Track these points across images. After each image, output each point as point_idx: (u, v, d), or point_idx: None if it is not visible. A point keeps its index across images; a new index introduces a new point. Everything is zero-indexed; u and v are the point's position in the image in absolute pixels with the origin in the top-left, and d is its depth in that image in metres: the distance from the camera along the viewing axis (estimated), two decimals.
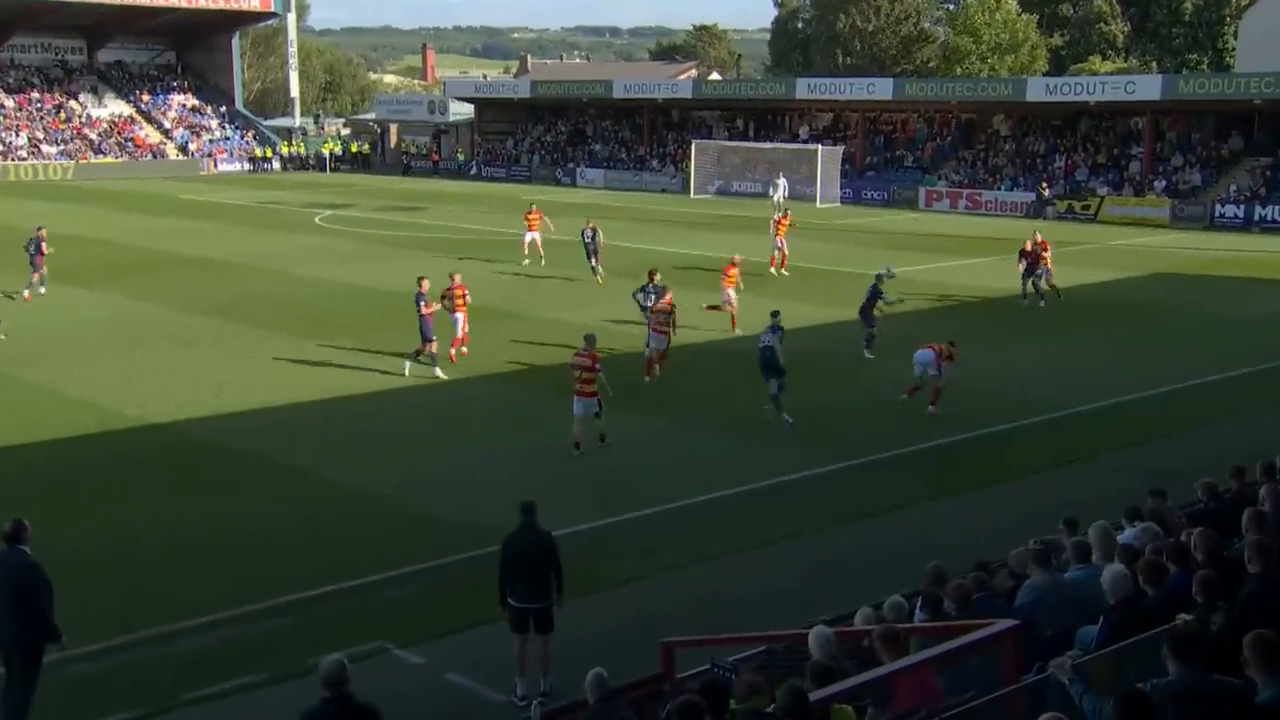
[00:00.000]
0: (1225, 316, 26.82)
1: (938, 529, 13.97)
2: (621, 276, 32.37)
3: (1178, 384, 20.60)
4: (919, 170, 57.55)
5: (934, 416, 18.21)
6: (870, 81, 60.29)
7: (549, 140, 74.12)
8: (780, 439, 17.49)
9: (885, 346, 23.82)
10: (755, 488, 15.32)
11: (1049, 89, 52.59)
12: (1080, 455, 16.71)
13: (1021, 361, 22.54)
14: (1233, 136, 50.03)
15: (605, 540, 13.62)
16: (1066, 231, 43.80)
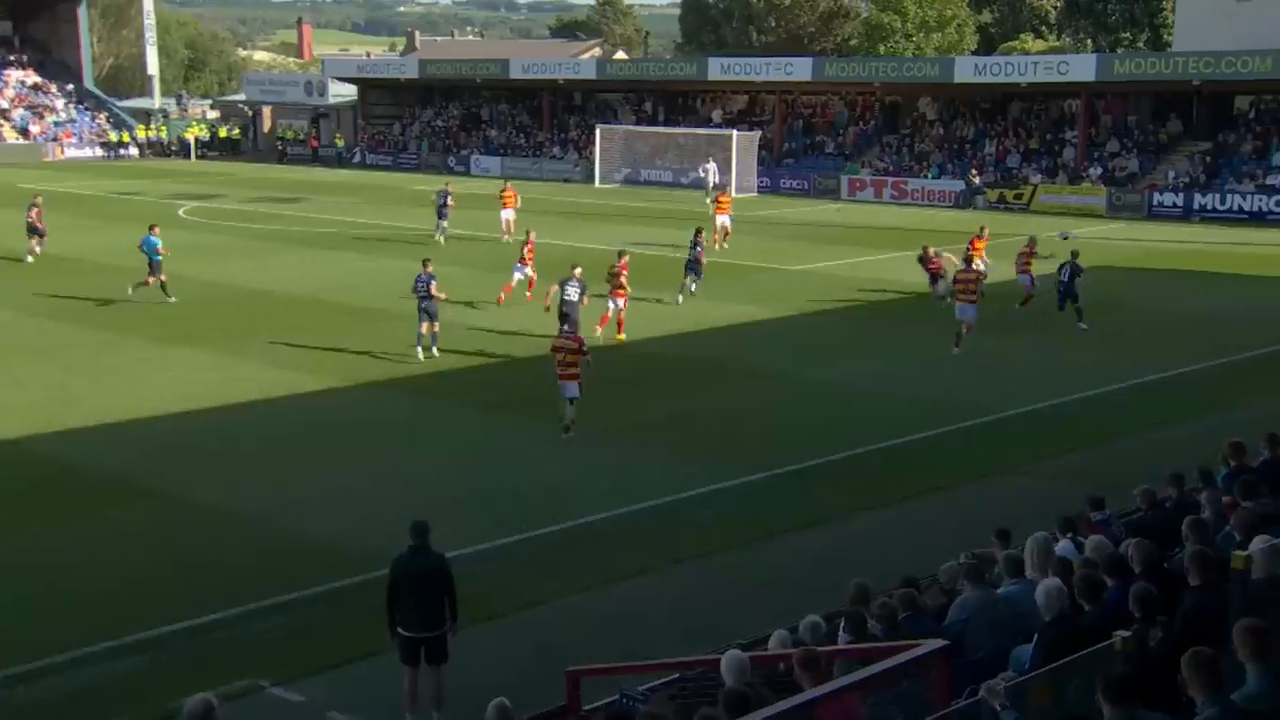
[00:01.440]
0: (1167, 313, 27.66)
1: (863, 543, 14.16)
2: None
3: (1118, 385, 21.15)
4: (841, 157, 58.40)
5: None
6: (788, 61, 61.02)
7: (440, 125, 73.62)
8: (694, 449, 17.59)
9: (806, 352, 24.11)
10: (667, 502, 15.39)
11: (978, 69, 53.75)
12: (1015, 462, 17.08)
13: (952, 362, 22.97)
14: (1171, 120, 51.68)
15: (504, 561, 13.57)
16: (998, 222, 44.65)
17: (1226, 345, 23.82)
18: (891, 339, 24.93)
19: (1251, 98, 50.12)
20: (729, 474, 16.39)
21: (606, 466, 16.92)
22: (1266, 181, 45.77)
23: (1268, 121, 49.26)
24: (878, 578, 10.34)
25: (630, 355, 23.16)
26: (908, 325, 26.36)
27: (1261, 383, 21.33)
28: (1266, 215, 44.29)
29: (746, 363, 22.86)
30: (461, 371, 22.01)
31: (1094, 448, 17.74)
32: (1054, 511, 11.44)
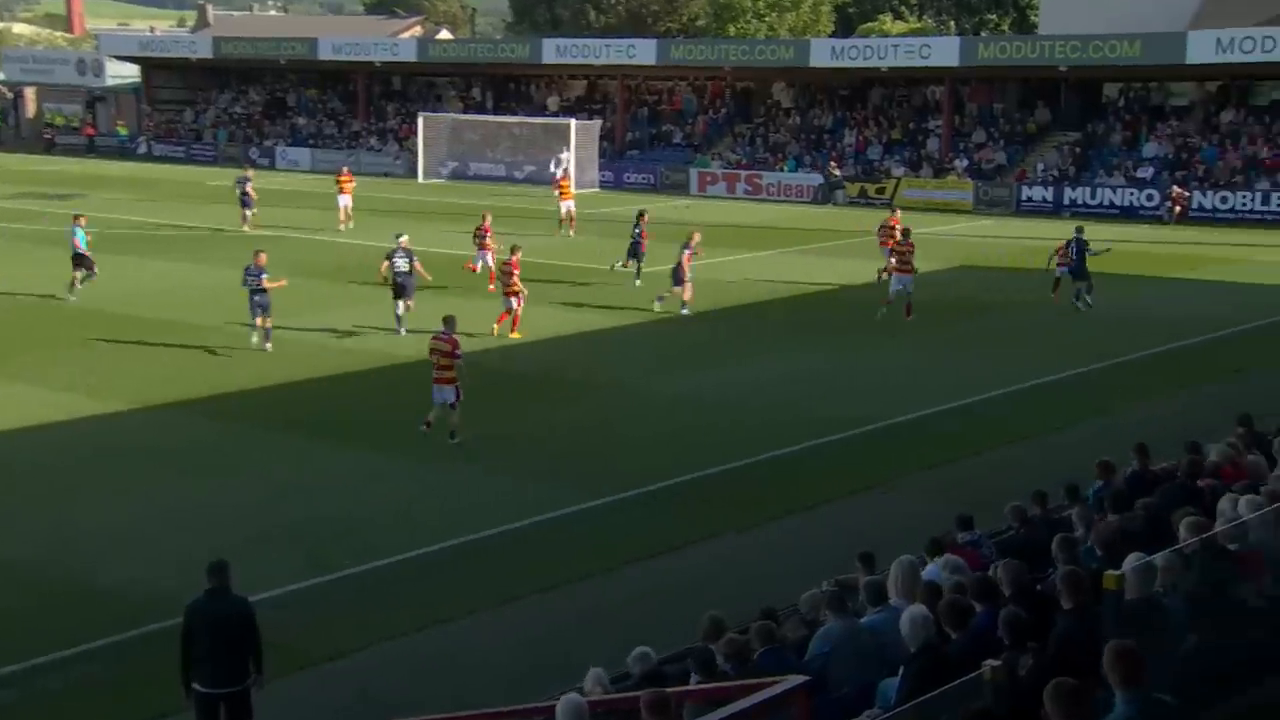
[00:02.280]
0: (1039, 316, 28.71)
1: (717, 571, 14.34)
2: (318, 277, 31.82)
3: (992, 392, 21.88)
4: (690, 149, 59.12)
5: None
6: (630, 43, 61.54)
7: (239, 112, 72.08)
8: (537, 469, 17.60)
9: (660, 361, 24.33)
10: (503, 531, 15.35)
11: (835, 53, 55.03)
12: (885, 478, 17.52)
13: (812, 372, 23.44)
14: (1039, 108, 53.78)
15: (317, 604, 13.37)
16: (859, 219, 45.89)
17: (1103, 348, 24.83)
18: (751, 346, 25.31)
19: (1121, 85, 52.49)
20: (575, 497, 16.42)
21: (440, 491, 16.81)
22: (1137, 174, 47.94)
23: (1137, 110, 51.65)
24: (735, 609, 10.49)
25: (472, 365, 23.04)
26: (768, 331, 26.81)
27: (1139, 387, 22.29)
28: (1138, 210, 46.37)
29: (593, 374, 22.94)
30: (275, 390, 21.61)
31: (968, 460, 18.29)
32: (925, 531, 11.76)
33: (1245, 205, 44.54)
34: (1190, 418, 18.67)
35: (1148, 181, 47.44)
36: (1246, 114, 49.11)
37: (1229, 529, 9.32)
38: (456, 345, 18.53)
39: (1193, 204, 45.00)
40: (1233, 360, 24.31)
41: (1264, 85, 49.45)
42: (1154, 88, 51.74)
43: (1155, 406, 20.77)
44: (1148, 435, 14.37)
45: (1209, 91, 50.36)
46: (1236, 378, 22.77)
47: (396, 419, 19.88)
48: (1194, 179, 46.47)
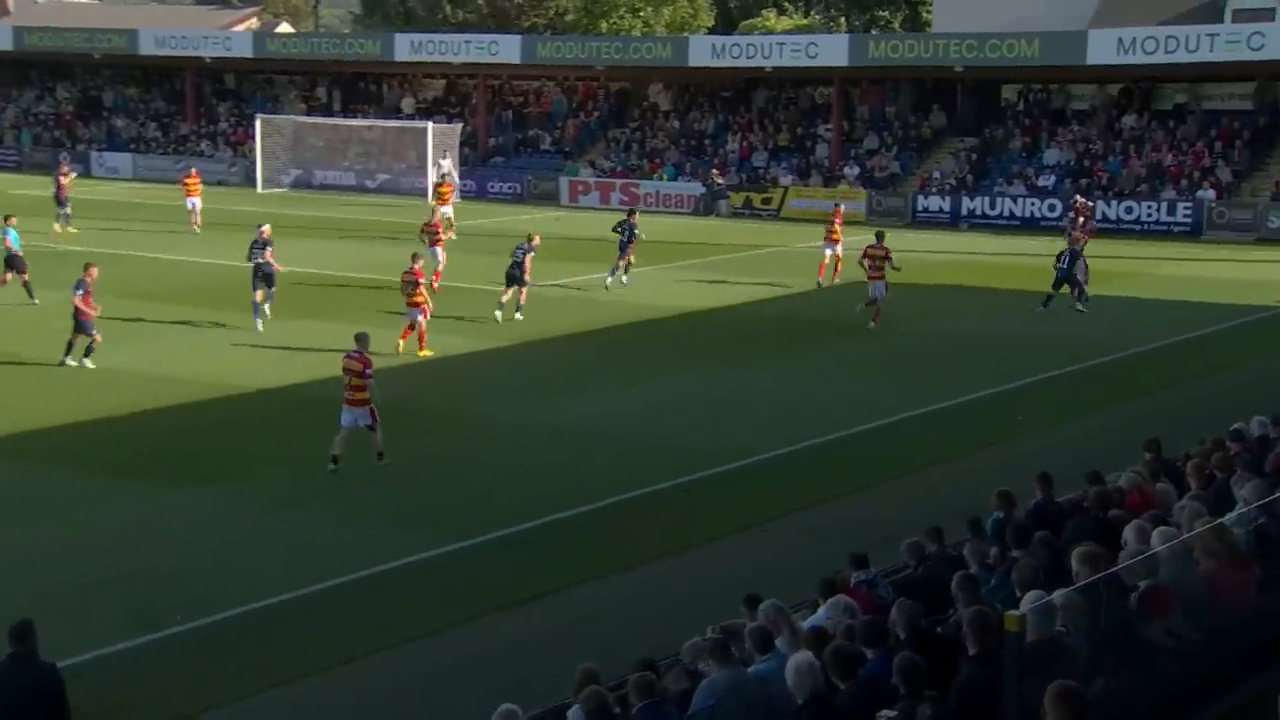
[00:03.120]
0: (939, 334, 29.28)
1: (592, 619, 14.36)
2: (147, 298, 31.37)
3: (888, 418, 22.22)
4: (560, 155, 59.30)
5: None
6: (492, 40, 61.64)
7: (45, 112, 70.51)
8: (393, 511, 17.48)
9: (530, 389, 24.33)
10: (354, 579, 15.17)
11: (716, 51, 55.70)
12: (774, 514, 17.67)
13: (692, 399, 23.61)
14: (934, 112, 54.98)
15: (142, 666, 13.09)
16: (743, 232, 46.45)
17: (1002, 371, 25.39)
18: (626, 371, 25.42)
19: (1020, 87, 53.93)
20: (437, 540, 16.32)
21: (284, 535, 16.63)
22: (1038, 183, 49.24)
23: (1037, 114, 53.09)
24: (610, 659, 10.51)
25: (315, 398, 22.81)
26: (645, 355, 26.93)
27: (1041, 412, 22.83)
28: (1039, 221, 47.60)
29: (455, 404, 22.85)
30: (95, 424, 21.16)
31: (861, 493, 18.55)
32: (816, 570, 11.90)
33: (1150, 215, 46.01)
34: (1096, 444, 19.21)
35: (1049, 190, 48.73)
36: (1150, 118, 50.77)
37: (1135, 563, 9.60)
38: (369, 364, 18.99)
39: (1096, 214, 46.30)
40: (1139, 382, 25.01)
41: (1167, 88, 51.18)
42: (1054, 90, 53.21)
43: (1058, 433, 21.31)
44: (1051, 463, 14.72)
45: (1111, 95, 51.96)
46: (1144, 400, 23.44)
47: (239, 454, 19.60)
48: (1097, 187, 47.86)
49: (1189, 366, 26.29)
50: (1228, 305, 32.25)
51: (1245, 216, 44.94)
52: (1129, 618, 9.07)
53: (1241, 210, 45.12)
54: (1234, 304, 32.43)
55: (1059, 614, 8.41)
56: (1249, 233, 44.24)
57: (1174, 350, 27.80)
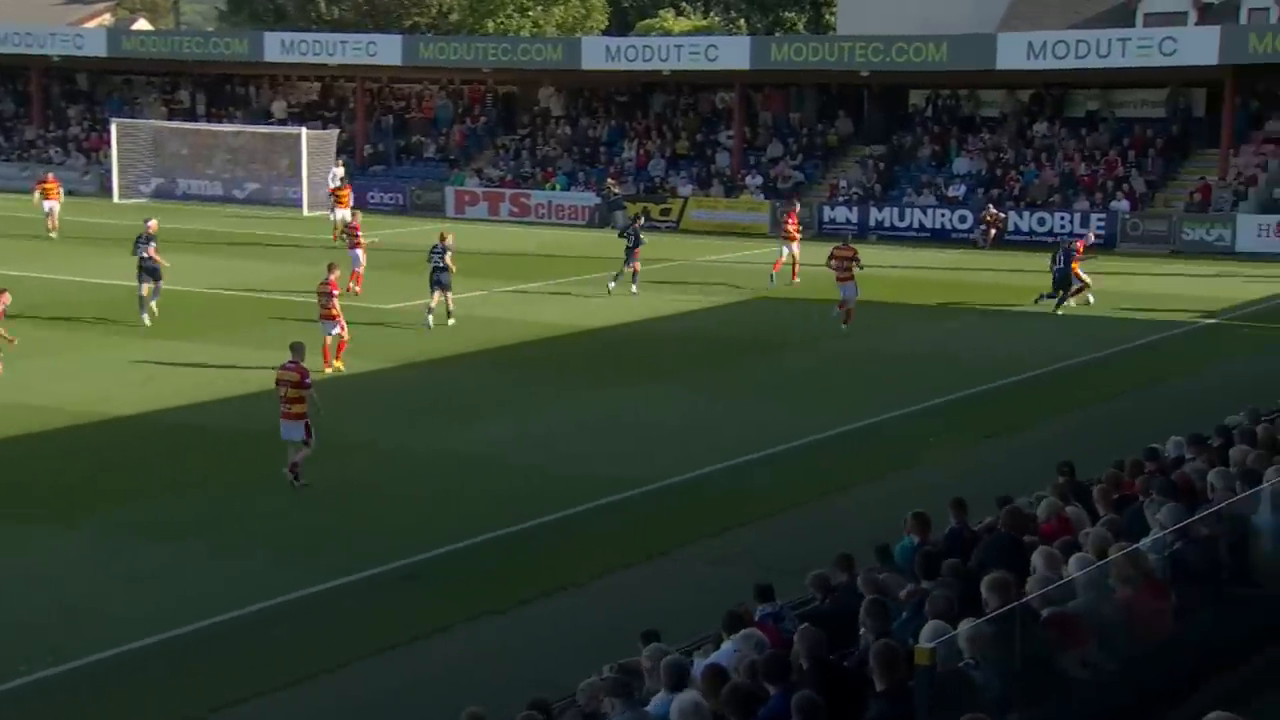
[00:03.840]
0: (848, 352, 29.61)
1: (480, 660, 14.36)
2: None
3: (791, 443, 22.38)
4: (445, 163, 59.12)
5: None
6: (370, 40, 61.33)
7: None
8: (274, 545, 17.41)
9: (413, 414, 24.29)
10: (224, 621, 15.02)
11: (610, 53, 55.84)
12: (672, 545, 17.78)
13: (589, 423, 23.69)
14: (840, 118, 55.64)
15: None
16: (643, 245, 46.57)
17: (910, 391, 25.73)
18: (521, 394, 25.41)
19: (928, 92, 54.73)
20: (319, 576, 16.21)
21: (150, 573, 16.46)
22: (948, 193, 50.01)
23: (946, 120, 53.93)
24: (500, 702, 10.55)
25: (185, 423, 22.62)
26: (540, 376, 26.95)
27: (951, 434, 23.19)
28: (950, 233, 48.34)
29: (339, 430, 22.66)
30: None
31: (764, 521, 18.72)
32: (718, 604, 12.00)
33: (1064, 227, 46.86)
34: (1010, 466, 19.58)
35: (960, 201, 49.50)
36: (1061, 126, 51.80)
37: (1048, 591, 9.81)
38: (306, 374, 19.56)
39: (1008, 225, 47.13)
40: (1052, 402, 25.49)
41: (1079, 95, 52.24)
42: (964, 96, 54.09)
43: (971, 455, 21.67)
44: (964, 487, 15.02)
45: (1021, 101, 52.94)
46: (1057, 420, 23.89)
47: (87, 489, 19.32)
48: (1009, 198, 48.72)
49: (1105, 385, 26.80)
50: (1144, 320, 32.97)
51: (1160, 228, 45.97)
52: (1042, 648, 9.26)
53: (1156, 222, 46.16)
54: (1150, 319, 33.16)
55: (969, 646, 8.57)
56: (1164, 245, 45.24)
57: (1089, 368, 28.35)
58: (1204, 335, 31.89)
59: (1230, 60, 45.21)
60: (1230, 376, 26.64)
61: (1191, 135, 49.85)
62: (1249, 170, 46.64)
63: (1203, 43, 46.07)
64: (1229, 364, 28.41)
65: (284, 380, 19.55)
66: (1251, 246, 43.59)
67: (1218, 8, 55.25)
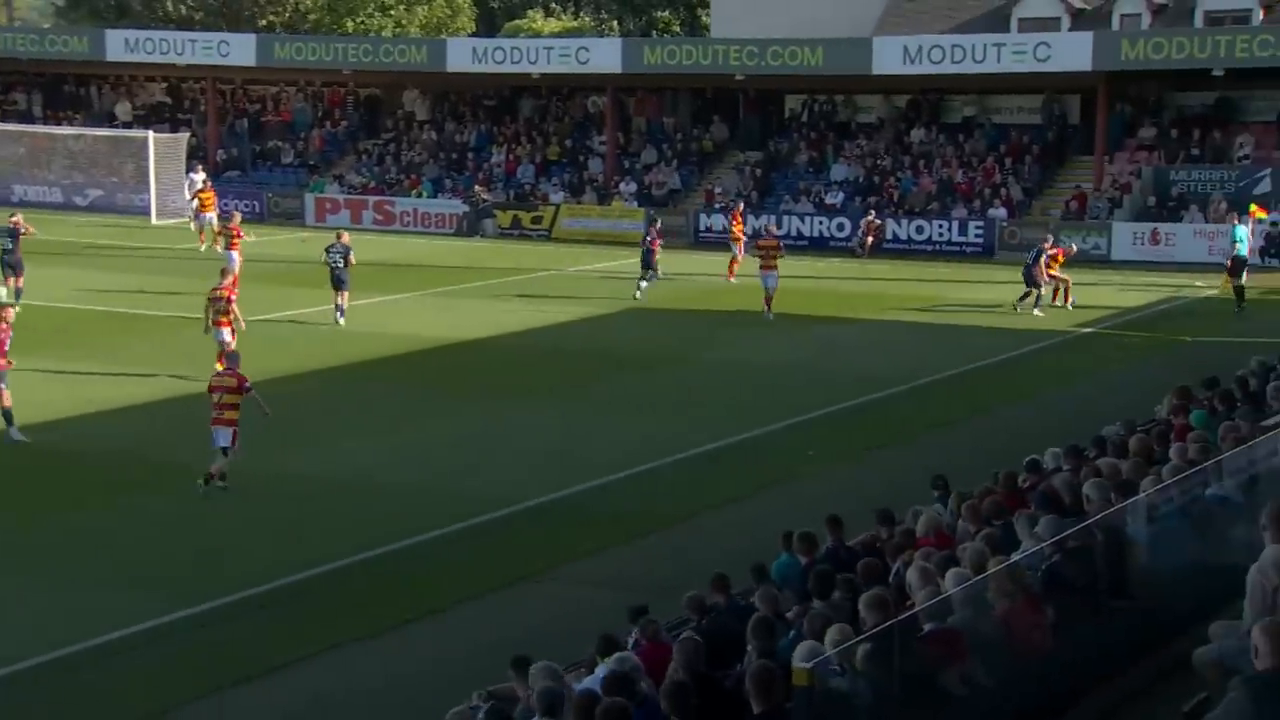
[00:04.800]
0: (723, 364, 29.78)
1: (347, 689, 14.31)
2: None
3: (663, 459, 22.45)
4: (304, 169, 58.63)
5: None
6: (222, 39, 60.69)
7: None
8: (108, 576, 17.11)
9: (265, 432, 24.08)
10: (59, 657, 14.73)
11: (477, 55, 55.75)
12: (541, 568, 17.78)
13: (458, 440, 23.66)
14: (716, 123, 56.05)
15: None
16: (512, 255, 46.62)
17: (787, 405, 25.97)
18: (383, 411, 25.29)
19: (804, 97, 55.37)
20: (145, 611, 15.93)
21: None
22: (826, 200, 50.61)
23: (823, 126, 54.61)
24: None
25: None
26: (407, 392, 26.84)
27: (827, 447, 23.47)
28: (829, 241, 48.91)
29: (181, 452, 22.41)
30: None
31: (640, 541, 18.82)
32: (592, 627, 12.08)
33: (942, 235, 47.71)
34: (886, 482, 19.87)
35: (838, 208, 50.11)
36: (939, 132, 52.70)
37: (928, 607, 10.01)
38: (244, 380, 20.53)
39: (887, 233, 47.82)
40: (930, 414, 25.90)
41: (955, 100, 53.18)
42: (840, 102, 54.79)
43: (847, 470, 21.96)
44: (841, 504, 15.25)
45: (898, 107, 53.78)
46: (932, 434, 24.27)
47: None
48: (887, 205, 49.43)
49: (982, 396, 27.29)
50: (1022, 331, 33.60)
51: (1038, 236, 46.80)
52: (922, 666, 9.45)
53: (1033, 229, 46.81)
54: (1027, 330, 33.81)
55: (847, 665, 8.73)
56: None
57: (967, 378, 28.84)
58: (1080, 345, 32.58)
59: (1103, 66, 46.39)
60: (1106, 387, 27.26)
61: (1067, 142, 50.99)
62: (1123, 178, 47.81)
63: (1076, 49, 47.20)
64: (1105, 374, 29.05)
65: (219, 386, 20.46)
66: (1127, 254, 44.65)
67: (1091, 14, 56.55)
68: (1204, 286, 39.70)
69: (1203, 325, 34.11)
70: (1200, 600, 11.62)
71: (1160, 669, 10.94)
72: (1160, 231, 44.62)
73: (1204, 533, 12.20)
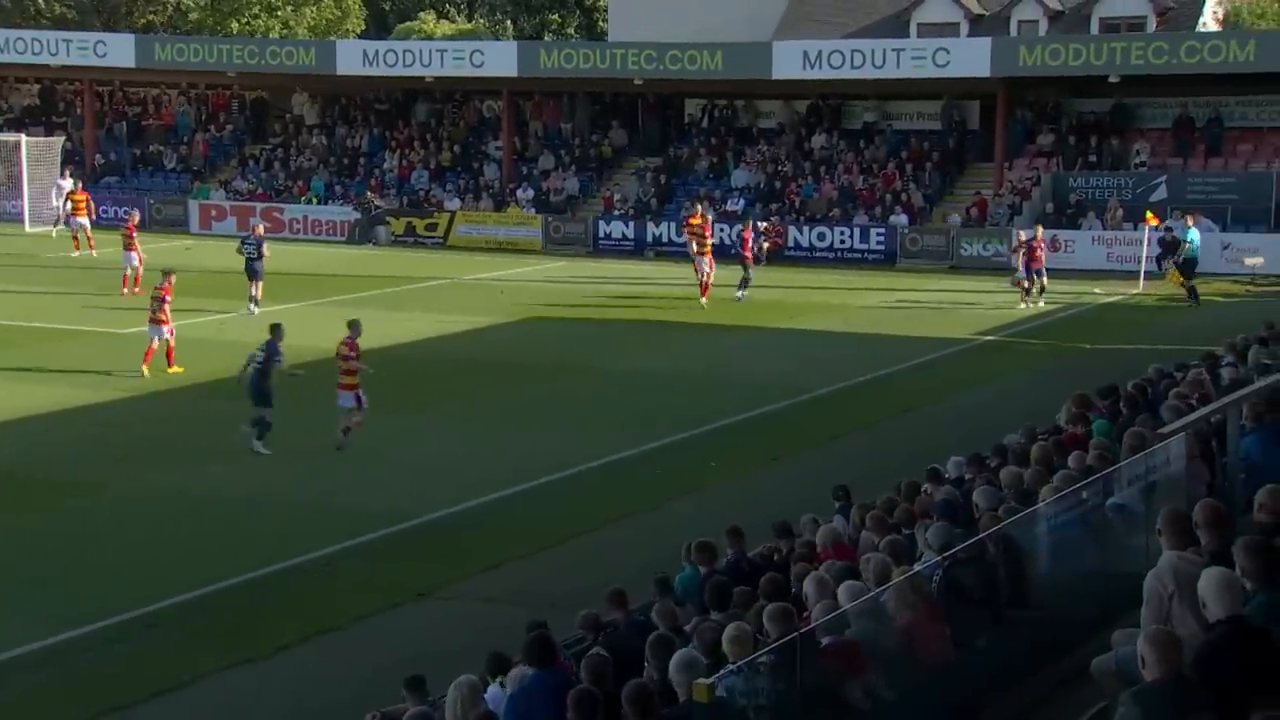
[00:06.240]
0: (623, 374, 29.87)
1: (236, 712, 14.28)
2: None
3: (563, 473, 22.48)
4: (188, 175, 58.03)
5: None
6: (99, 39, 59.88)
7: None
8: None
9: (141, 449, 23.86)
10: None
11: (369, 58, 55.44)
12: (430, 586, 17.75)
13: (350, 453, 23.50)
14: (614, 129, 56.17)
15: None
16: (407, 262, 46.43)
17: (684, 415, 26.07)
18: (278, 425, 25.03)
19: (703, 102, 55.66)
20: (22, 634, 15.74)
21: None
22: (727, 207, 50.83)
23: (724, 132, 54.88)
24: None
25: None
26: (298, 404, 26.62)
27: (726, 458, 23.61)
28: (730, 249, 49.04)
29: (64, 468, 22.15)
30: None
31: (534, 557, 18.84)
32: (486, 645, 12.10)
33: (844, 242, 48.09)
34: (786, 492, 20.04)
35: (738, 216, 50.30)
36: (839, 138, 53.16)
37: (829, 620, 10.11)
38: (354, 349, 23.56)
39: (788, 240, 48.14)
40: (832, 423, 26.13)
41: (856, 106, 53.67)
42: (741, 107, 55.11)
43: (746, 481, 22.10)
44: (741, 515, 15.36)
45: (799, 112, 54.19)
46: (834, 443, 24.50)
47: None
48: (789, 211, 49.76)
49: (886, 404, 27.55)
50: (924, 338, 33.98)
51: (939, 243, 47.41)
52: (822, 680, 9.54)
53: (934, 236, 47.59)
54: (930, 336, 34.20)
55: (749, 679, 8.80)
56: (943, 260, 46.65)
57: (871, 387, 29.11)
58: (982, 352, 32.99)
59: (1002, 72, 46.96)
60: (1008, 394, 27.62)
61: (967, 148, 51.56)
62: (1022, 183, 48.46)
63: (974, 54, 47.74)
64: (1006, 382, 29.44)
65: (340, 354, 23.65)
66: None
67: (989, 19, 57.35)
68: (1102, 293, 40.38)
69: (1101, 332, 34.67)
70: (1102, 608, 11.81)
71: (1061, 678, 11.11)
72: (1060, 238, 45.26)
73: (1103, 541, 12.40)
